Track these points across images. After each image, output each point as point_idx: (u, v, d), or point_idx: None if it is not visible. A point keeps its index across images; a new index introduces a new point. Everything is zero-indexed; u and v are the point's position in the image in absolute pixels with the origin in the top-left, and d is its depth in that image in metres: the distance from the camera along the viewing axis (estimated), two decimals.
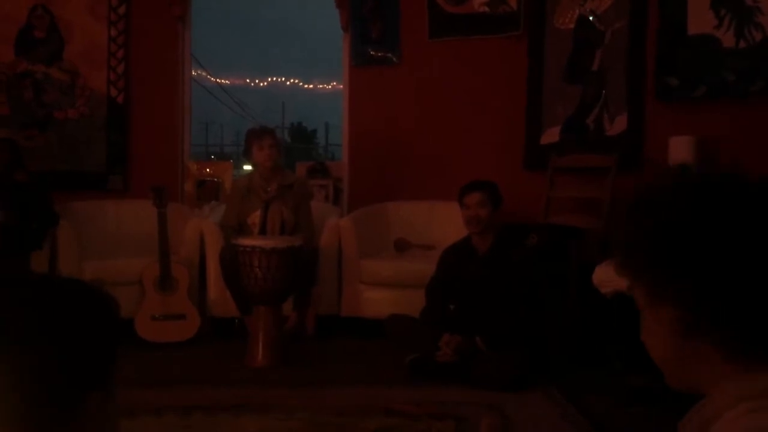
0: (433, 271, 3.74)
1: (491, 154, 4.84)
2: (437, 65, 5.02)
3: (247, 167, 5.43)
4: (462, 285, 3.55)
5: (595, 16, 4.43)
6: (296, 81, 12.96)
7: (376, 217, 4.71)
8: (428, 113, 5.05)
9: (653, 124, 4.26)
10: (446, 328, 3.41)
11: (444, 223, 4.49)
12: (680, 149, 3.90)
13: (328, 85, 12.35)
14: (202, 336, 4.04)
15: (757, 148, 3.77)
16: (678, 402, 0.90)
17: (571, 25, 4.56)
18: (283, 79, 13.37)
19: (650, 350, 0.85)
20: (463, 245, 3.64)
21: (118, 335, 0.91)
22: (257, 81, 13.26)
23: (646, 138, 4.29)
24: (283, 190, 4.12)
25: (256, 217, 4.09)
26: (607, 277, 2.99)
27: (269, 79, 13.14)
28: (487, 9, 4.83)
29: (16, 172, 4.13)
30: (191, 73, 5.48)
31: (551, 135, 4.66)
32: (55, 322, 0.79)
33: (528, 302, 3.44)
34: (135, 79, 5.03)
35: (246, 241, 3.64)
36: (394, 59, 5.11)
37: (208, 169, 5.32)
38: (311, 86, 12.90)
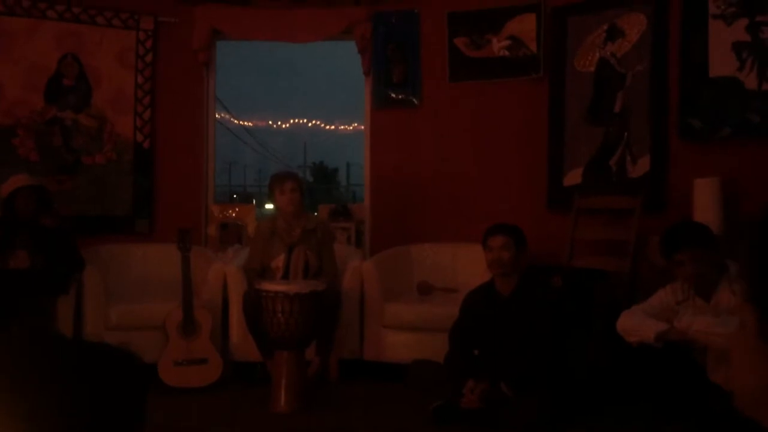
0: (456, 315, 3.71)
1: (514, 195, 4.83)
2: (458, 108, 5.05)
3: (269, 206, 5.45)
4: (486, 329, 3.51)
5: (615, 59, 4.45)
6: (318, 122, 13.12)
7: (398, 260, 4.71)
8: (450, 155, 5.08)
9: (677, 166, 4.23)
10: (471, 374, 3.37)
11: (467, 265, 4.47)
12: (705, 191, 3.86)
13: (349, 126, 12.48)
14: (224, 381, 4.02)
15: None
16: None
17: (592, 68, 4.58)
18: (305, 120, 13.54)
19: (744, 376, 0.81)
20: (486, 289, 3.61)
21: (146, 397, 0.91)
22: (279, 123, 13.44)
23: (670, 179, 4.26)
24: (306, 233, 4.14)
25: (280, 261, 4.10)
26: (632, 325, 2.94)
27: (291, 121, 13.32)
28: (507, 53, 4.88)
29: (43, 217, 4.19)
30: (215, 118, 5.57)
31: (574, 176, 4.65)
32: (87, 390, 0.79)
33: (552, 346, 3.39)
34: (161, 124, 5.12)
35: (269, 286, 3.65)
36: (415, 102, 5.16)
37: (231, 212, 5.36)
38: (332, 127, 13.06)
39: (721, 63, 3.98)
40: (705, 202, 3.83)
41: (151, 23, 5.05)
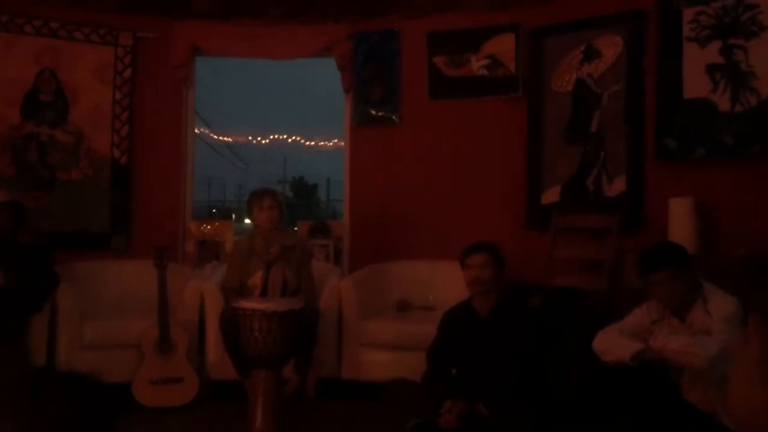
0: (434, 334, 3.70)
1: (493, 213, 4.86)
2: (438, 126, 5.08)
3: (249, 221, 5.44)
4: (463, 348, 3.51)
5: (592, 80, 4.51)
6: (297, 138, 13.13)
7: (376, 278, 4.70)
8: (429, 173, 5.10)
9: (652, 186, 4.29)
10: (448, 393, 3.35)
11: (446, 283, 4.48)
12: (680, 210, 3.91)
13: (329, 142, 12.49)
14: (200, 400, 3.98)
15: (756, 209, 3.78)
16: None
17: (569, 88, 4.64)
18: (285, 136, 13.55)
19: (738, 392, 0.81)
20: (464, 307, 3.61)
21: (114, 423, 0.90)
22: (259, 138, 13.42)
23: (646, 199, 4.31)
24: (285, 251, 4.12)
25: (257, 278, 4.08)
26: (608, 345, 2.96)
27: (271, 137, 13.31)
28: (486, 72, 4.92)
29: (19, 234, 4.14)
30: (194, 135, 5.55)
31: (552, 195, 4.69)
32: (54, 418, 0.78)
33: (530, 365, 3.39)
34: (139, 140, 5.09)
35: (246, 304, 3.62)
36: (395, 120, 5.18)
37: (207, 226, 5.33)
38: (312, 143, 13.07)
39: (695, 85, 4.05)
40: (680, 222, 3.88)
41: (130, 39, 5.03)
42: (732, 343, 0.83)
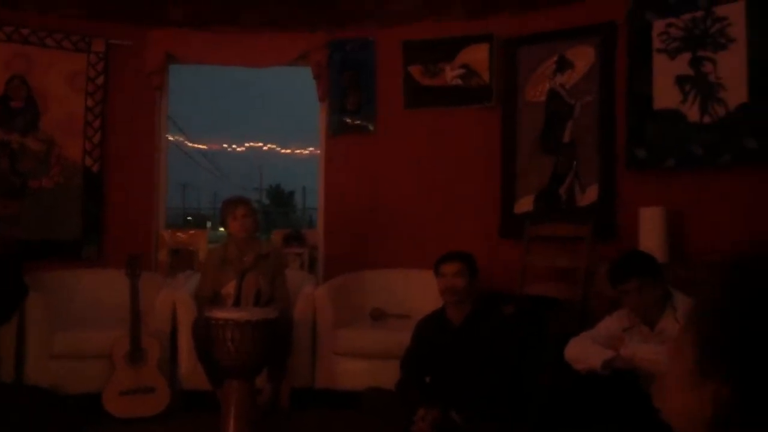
0: (409, 342, 3.70)
1: (467, 222, 4.88)
2: (413, 134, 5.10)
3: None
4: (437, 357, 3.51)
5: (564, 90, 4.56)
6: (273, 146, 13.10)
7: (351, 286, 4.70)
8: (404, 182, 5.11)
9: (624, 195, 4.34)
10: (422, 402, 3.36)
11: (420, 292, 4.48)
12: (650, 220, 3.96)
13: (305, 150, 12.49)
14: (172, 410, 3.94)
15: (723, 218, 3.84)
16: None
17: (542, 98, 4.68)
18: (261, 144, 13.50)
19: (672, 398, 0.83)
20: (437, 316, 3.62)
21: None
22: (234, 146, 13.37)
23: (617, 208, 4.36)
24: (259, 260, 4.10)
25: (231, 287, 4.06)
26: (579, 353, 2.98)
27: (246, 145, 13.26)
28: (460, 82, 4.95)
29: None
30: (167, 143, 5.51)
31: (525, 204, 4.73)
32: None
33: (504, 374, 3.41)
34: (111, 148, 5.04)
35: (219, 314, 3.60)
36: (371, 128, 5.19)
37: (182, 235, 5.28)
38: (288, 151, 13.04)
39: (665, 96, 4.11)
40: (650, 231, 3.93)
41: (103, 46, 4.99)
42: (668, 349, 0.85)
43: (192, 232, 5.46)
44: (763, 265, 0.80)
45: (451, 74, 4.97)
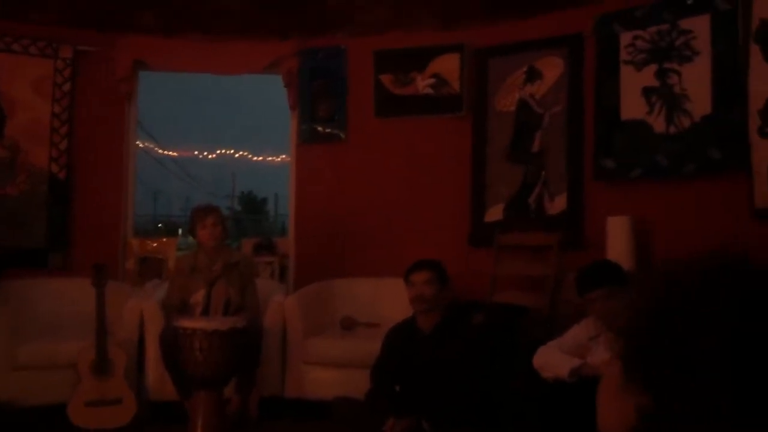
0: (379, 351, 3.70)
1: (438, 231, 4.89)
2: (384, 143, 5.11)
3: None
4: (407, 365, 3.52)
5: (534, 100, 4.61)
6: (245, 153, 13.03)
7: (322, 295, 4.68)
8: (375, 190, 5.12)
9: (592, 204, 4.39)
10: (392, 411, 3.36)
11: (391, 300, 4.48)
12: (617, 229, 4.00)
13: (277, 157, 12.45)
14: (139, 421, 3.88)
15: (688, 228, 3.90)
16: None
17: (512, 108, 4.72)
18: (232, 151, 13.43)
19: (604, 409, 0.85)
20: (407, 325, 3.62)
21: None
22: (206, 153, 13.28)
23: (586, 218, 4.41)
24: (228, 268, 4.07)
25: (200, 296, 4.02)
26: (547, 361, 3.00)
27: (218, 152, 13.18)
28: (431, 91, 4.98)
29: None
30: (136, 150, 5.45)
31: (495, 213, 4.76)
32: None
33: (474, 382, 3.42)
34: (78, 155, 4.97)
35: (187, 323, 3.56)
36: (342, 136, 5.19)
37: (151, 243, 5.23)
38: (260, 158, 12.99)
39: (631, 107, 4.17)
40: (617, 240, 3.97)
41: (70, 52, 4.92)
42: (604, 361, 0.87)
43: (164, 240, 5.40)
44: (682, 278, 0.82)
45: (422, 84, 5.00)
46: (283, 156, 11.26)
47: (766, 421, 0.74)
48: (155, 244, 5.21)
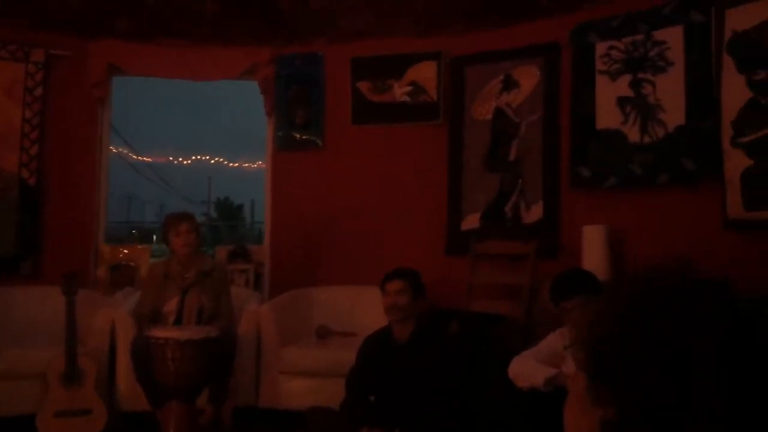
0: (354, 360, 3.67)
1: (415, 239, 4.88)
2: (361, 151, 5.09)
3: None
4: (382, 375, 3.49)
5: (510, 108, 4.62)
6: (221, 159, 12.94)
7: (297, 303, 4.64)
8: (352, 198, 5.09)
9: (568, 213, 4.40)
10: (367, 421, 3.33)
11: (368, 309, 4.45)
12: (593, 237, 4.02)
13: (253, 164, 12.37)
14: None
15: (662, 236, 3.93)
16: None
17: (489, 116, 4.73)
18: (208, 157, 13.33)
19: (570, 422, 0.85)
20: (383, 334, 3.60)
21: None
22: (181, 159, 13.16)
23: (562, 226, 4.42)
24: (202, 276, 4.02)
25: (172, 305, 3.96)
26: (522, 371, 3.00)
27: (193, 157, 13.07)
28: (408, 99, 4.97)
29: None
30: (109, 155, 5.37)
31: (472, 221, 4.76)
32: None
33: (449, 392, 3.40)
34: (50, 161, 4.89)
35: (159, 332, 3.51)
36: (319, 143, 5.17)
37: (123, 250, 5.16)
38: (236, 165, 12.89)
39: (607, 116, 4.20)
40: (593, 249, 3.99)
41: (42, 56, 4.85)
42: (571, 374, 0.87)
43: (140, 247, 5.34)
44: (641, 290, 0.82)
45: (399, 91, 4.99)
46: (260, 162, 11.20)
47: (759, 421, 0.74)
48: (127, 252, 5.14)
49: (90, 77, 4.96)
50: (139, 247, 5.29)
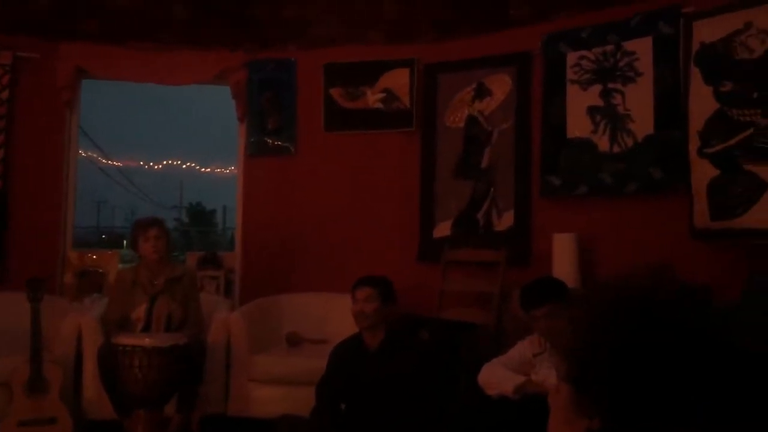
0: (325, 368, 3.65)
1: (387, 246, 4.88)
2: (333, 157, 5.08)
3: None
4: (352, 383, 3.47)
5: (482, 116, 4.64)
6: (193, 164, 12.82)
7: (268, 310, 4.60)
8: (324, 204, 5.07)
9: (538, 221, 4.43)
10: (337, 429, 3.31)
11: (338, 316, 4.43)
12: (563, 245, 4.05)
13: (225, 169, 12.29)
14: None
15: (632, 245, 3.97)
16: None
17: (461, 124, 4.75)
18: (179, 162, 13.19)
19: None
20: (353, 342, 3.58)
21: None
22: (152, 164, 13.01)
23: (533, 234, 4.45)
24: (171, 283, 3.97)
25: (141, 311, 3.90)
26: (491, 378, 3.00)
27: (165, 162, 12.93)
28: (381, 105, 4.98)
29: None
30: (77, 159, 5.28)
31: (444, 229, 4.77)
32: None
33: (420, 400, 3.39)
34: (16, 165, 4.81)
35: (126, 340, 3.46)
36: (291, 149, 5.14)
37: (91, 256, 5.08)
38: (208, 170, 12.79)
39: (577, 125, 4.24)
40: (563, 256, 4.02)
41: (9, 58, 4.77)
42: (552, 387, 0.87)
43: (109, 252, 5.25)
44: (622, 298, 0.82)
45: (372, 98, 4.99)
46: (232, 168, 11.11)
47: (740, 426, 0.74)
48: (96, 257, 5.06)
49: (58, 80, 4.88)
50: (108, 252, 5.20)
